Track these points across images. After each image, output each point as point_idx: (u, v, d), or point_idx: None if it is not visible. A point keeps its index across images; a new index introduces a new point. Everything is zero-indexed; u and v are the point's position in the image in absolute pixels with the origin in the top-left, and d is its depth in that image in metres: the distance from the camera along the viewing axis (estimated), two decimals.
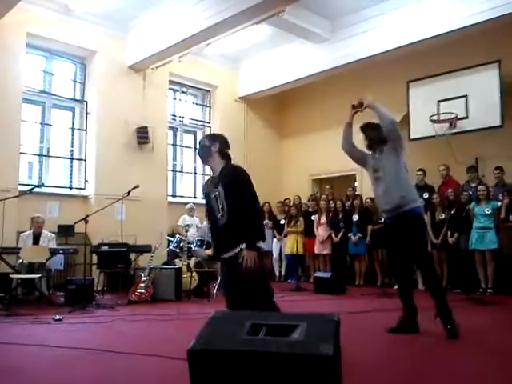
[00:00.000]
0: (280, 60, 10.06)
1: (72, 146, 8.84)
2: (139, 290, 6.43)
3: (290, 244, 8.97)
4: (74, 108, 8.94)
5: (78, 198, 8.56)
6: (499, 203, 6.99)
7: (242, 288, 3.13)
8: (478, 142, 8.19)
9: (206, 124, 10.77)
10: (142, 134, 8.97)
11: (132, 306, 6.14)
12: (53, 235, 6.99)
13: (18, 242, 6.97)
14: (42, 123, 8.49)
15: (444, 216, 7.40)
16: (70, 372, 3.07)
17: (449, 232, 7.27)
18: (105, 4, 8.05)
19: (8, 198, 6.25)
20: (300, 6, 7.82)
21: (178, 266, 6.99)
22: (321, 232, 8.82)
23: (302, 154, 11.02)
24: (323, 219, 8.84)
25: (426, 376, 2.92)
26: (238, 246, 3.12)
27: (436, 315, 3.86)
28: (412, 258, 4.05)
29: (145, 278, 6.52)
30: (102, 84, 8.77)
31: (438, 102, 8.36)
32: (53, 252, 6.49)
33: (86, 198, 8.57)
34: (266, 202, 9.72)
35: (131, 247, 7.47)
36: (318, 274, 7.86)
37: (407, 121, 8.82)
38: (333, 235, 8.66)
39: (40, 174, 8.43)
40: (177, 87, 10.34)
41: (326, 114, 10.19)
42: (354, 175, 9.89)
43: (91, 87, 8.86)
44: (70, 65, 8.95)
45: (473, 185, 7.61)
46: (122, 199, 6.70)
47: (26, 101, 8.06)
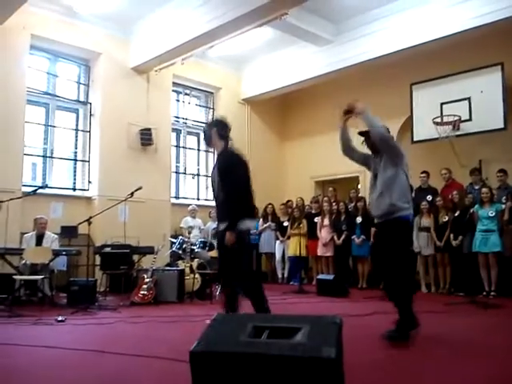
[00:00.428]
0: (283, 62, 10.09)
1: (76, 148, 8.88)
2: (142, 292, 6.43)
3: (293, 246, 8.95)
4: (77, 110, 8.98)
5: (81, 199, 8.59)
6: (503, 206, 6.97)
7: (226, 257, 3.88)
8: (481, 145, 8.18)
9: None
10: (145, 135, 9.01)
11: (135, 307, 6.14)
12: (56, 236, 7.00)
13: (21, 242, 7.00)
14: (45, 125, 8.52)
15: (447, 218, 7.38)
16: (72, 373, 3.07)
17: (451, 235, 7.25)
18: (109, 6, 8.09)
19: (12, 199, 6.27)
20: (303, 8, 7.84)
21: (181, 268, 6.98)
22: (323, 234, 8.81)
23: (304, 155, 11.02)
24: (326, 221, 8.84)
25: (427, 378, 2.91)
26: (225, 223, 3.80)
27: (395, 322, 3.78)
28: (388, 260, 3.91)
29: (147, 280, 6.52)
30: (105, 86, 8.80)
31: (442, 104, 8.38)
32: (56, 253, 6.49)
33: (89, 199, 8.60)
34: (269, 204, 9.74)
35: (134, 249, 7.48)
36: (320, 276, 7.84)
37: (410, 123, 8.83)
38: (335, 237, 8.66)
39: (44, 175, 8.47)
40: (180, 89, 10.36)
41: (328, 116, 10.12)
42: (357, 177, 9.88)
43: (95, 89, 8.89)
44: (74, 67, 9.00)
45: (476, 187, 7.59)
46: (125, 201, 6.72)
47: (30, 102, 8.10)
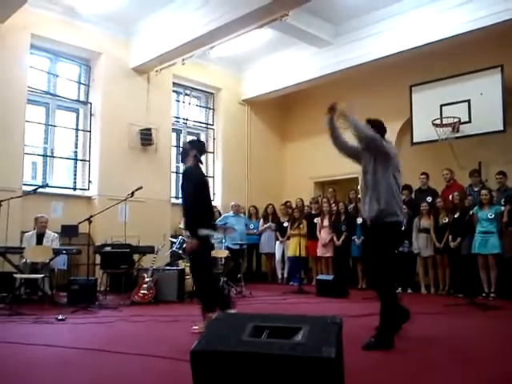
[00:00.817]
0: (283, 63, 10.09)
1: (76, 147, 8.88)
2: (142, 291, 6.45)
3: (293, 246, 8.97)
4: (78, 109, 8.98)
5: (81, 198, 8.59)
6: (502, 208, 6.98)
7: (192, 260, 4.54)
8: (480, 147, 8.20)
9: (209, 126, 10.79)
10: (145, 135, 9.01)
11: (135, 306, 6.16)
12: (56, 235, 7.02)
13: (21, 241, 7.02)
14: (46, 124, 8.53)
15: (447, 220, 7.40)
16: (72, 372, 3.09)
17: (450, 236, 7.26)
18: (110, 7, 8.09)
19: (12, 198, 6.27)
20: (304, 10, 7.84)
21: (181, 268, 7.01)
22: (323, 235, 8.83)
23: (304, 156, 11.02)
24: (326, 222, 8.86)
25: (427, 379, 2.93)
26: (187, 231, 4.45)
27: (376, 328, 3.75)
28: (372, 261, 3.91)
29: (148, 279, 6.54)
30: (106, 86, 8.81)
31: (441, 106, 8.39)
32: (56, 252, 6.51)
33: (89, 198, 8.61)
34: (269, 204, 9.76)
35: (134, 248, 7.49)
36: (320, 276, 7.86)
37: (410, 125, 8.84)
38: (334, 238, 8.67)
39: (44, 174, 8.47)
40: (180, 89, 10.37)
41: None
42: (357, 178, 9.87)
43: (95, 89, 8.90)
44: (75, 66, 9.00)
45: (476, 189, 7.61)
46: (125, 200, 6.75)
47: (30, 102, 8.09)
